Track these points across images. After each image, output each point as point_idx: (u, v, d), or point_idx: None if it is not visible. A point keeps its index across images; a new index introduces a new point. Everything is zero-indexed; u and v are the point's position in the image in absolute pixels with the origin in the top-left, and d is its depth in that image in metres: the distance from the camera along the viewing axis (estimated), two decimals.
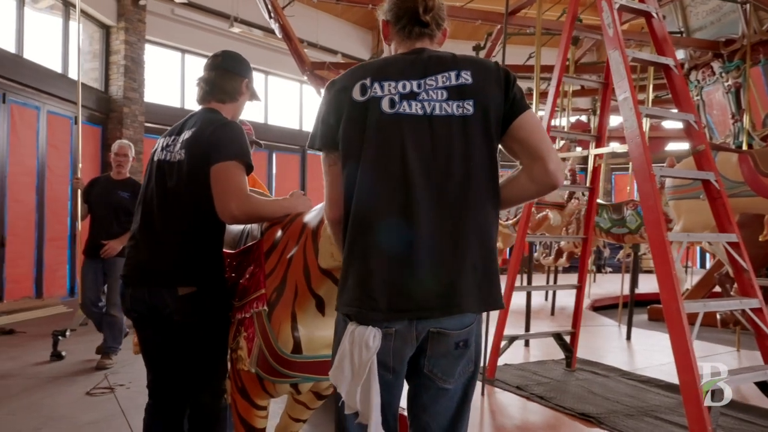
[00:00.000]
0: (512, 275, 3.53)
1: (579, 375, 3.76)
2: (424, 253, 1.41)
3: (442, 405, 1.51)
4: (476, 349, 1.53)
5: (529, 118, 1.51)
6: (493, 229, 1.50)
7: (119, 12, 9.46)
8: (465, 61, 1.54)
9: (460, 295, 1.42)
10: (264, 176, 11.56)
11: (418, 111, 1.47)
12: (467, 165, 1.45)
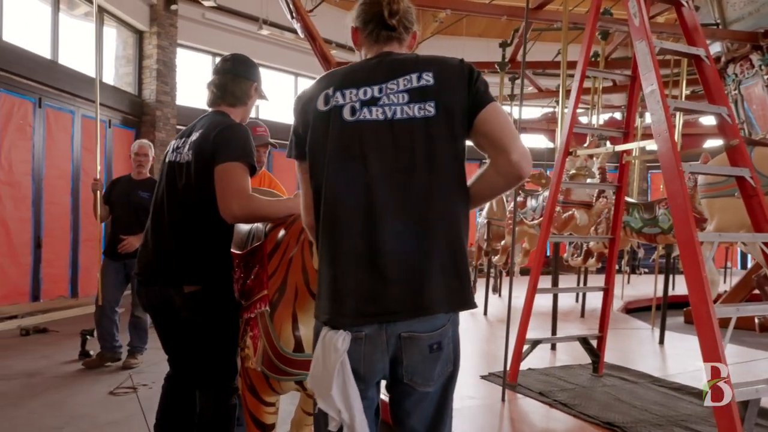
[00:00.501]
0: (534, 277, 3.41)
1: (606, 381, 3.61)
2: (389, 257, 1.43)
3: (425, 408, 1.52)
4: (453, 349, 1.52)
5: (491, 110, 1.49)
6: (462, 228, 1.50)
7: (152, 17, 9.62)
8: (428, 61, 1.53)
9: (428, 296, 1.42)
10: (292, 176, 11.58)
11: (379, 117, 1.48)
12: (431, 166, 1.46)
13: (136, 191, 4.69)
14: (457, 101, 1.49)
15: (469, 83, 1.51)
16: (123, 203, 4.71)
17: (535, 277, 3.40)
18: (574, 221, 4.64)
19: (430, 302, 1.43)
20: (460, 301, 1.48)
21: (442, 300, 1.44)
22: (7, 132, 7.05)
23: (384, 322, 1.44)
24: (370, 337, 1.45)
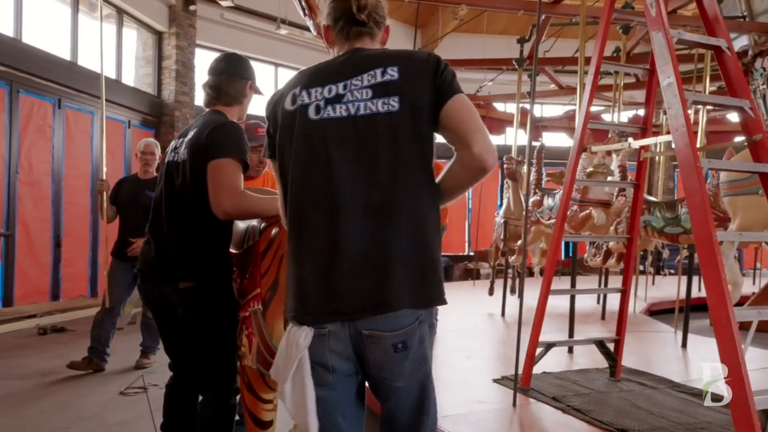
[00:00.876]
0: (547, 278, 3.30)
1: (623, 386, 3.48)
2: (351, 255, 1.43)
3: (402, 398, 1.51)
4: (424, 349, 1.49)
5: (456, 103, 1.47)
6: (429, 224, 1.48)
7: (171, 18, 9.69)
8: (394, 56, 1.53)
9: (390, 294, 1.41)
10: None
11: (342, 113, 1.48)
12: (395, 162, 1.45)
13: (144, 191, 4.62)
14: (422, 95, 1.47)
15: (435, 76, 1.48)
16: (131, 203, 4.67)
17: (548, 278, 3.29)
18: (591, 220, 4.50)
19: (391, 300, 1.41)
20: (426, 299, 1.46)
21: (405, 297, 1.42)
22: (27, 133, 7.14)
23: (347, 320, 1.43)
24: (333, 333, 1.45)
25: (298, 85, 1.55)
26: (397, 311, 1.42)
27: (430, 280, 1.46)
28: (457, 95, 1.48)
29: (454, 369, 3.95)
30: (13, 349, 5.42)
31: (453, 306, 6.31)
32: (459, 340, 4.90)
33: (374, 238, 1.43)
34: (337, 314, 1.44)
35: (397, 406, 1.52)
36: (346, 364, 1.47)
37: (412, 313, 1.44)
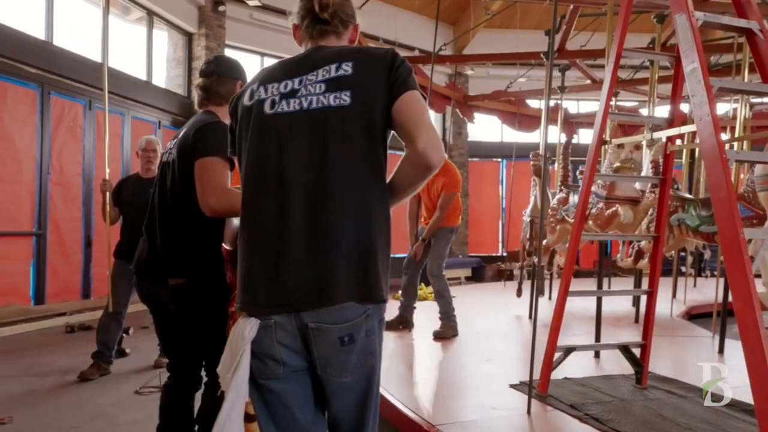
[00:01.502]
0: (566, 278, 3.12)
1: (650, 394, 3.28)
2: (296, 247, 1.44)
3: (346, 397, 1.51)
4: (371, 342, 1.48)
5: (406, 99, 1.47)
6: (375, 220, 1.47)
7: (200, 19, 9.77)
8: (351, 52, 1.55)
9: (333, 288, 1.42)
10: None
11: (295, 107, 1.50)
12: (344, 156, 1.46)
13: (147, 189, 4.48)
14: (375, 90, 1.48)
15: (389, 72, 1.49)
16: (134, 203, 4.51)
17: (566, 279, 3.11)
18: (618, 218, 4.27)
19: (334, 292, 1.42)
20: (369, 294, 1.45)
21: (347, 292, 1.43)
22: (58, 134, 7.28)
23: (292, 312, 1.44)
24: (280, 324, 1.46)
25: (256, 82, 1.59)
26: (343, 304, 1.42)
27: (372, 276, 1.46)
28: (410, 92, 1.48)
29: (470, 373, 3.81)
30: (39, 347, 5.51)
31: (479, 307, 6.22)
32: (480, 343, 4.74)
33: (320, 230, 1.44)
34: (283, 306, 1.44)
35: (343, 403, 1.52)
36: (296, 358, 1.48)
37: (359, 306, 1.44)
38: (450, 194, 5.04)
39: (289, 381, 1.49)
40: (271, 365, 1.47)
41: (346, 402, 1.51)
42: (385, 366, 3.89)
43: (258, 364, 1.47)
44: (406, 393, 3.26)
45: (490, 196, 13.35)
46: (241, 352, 1.45)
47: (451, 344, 4.69)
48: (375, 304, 1.47)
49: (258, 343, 1.45)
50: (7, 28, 6.73)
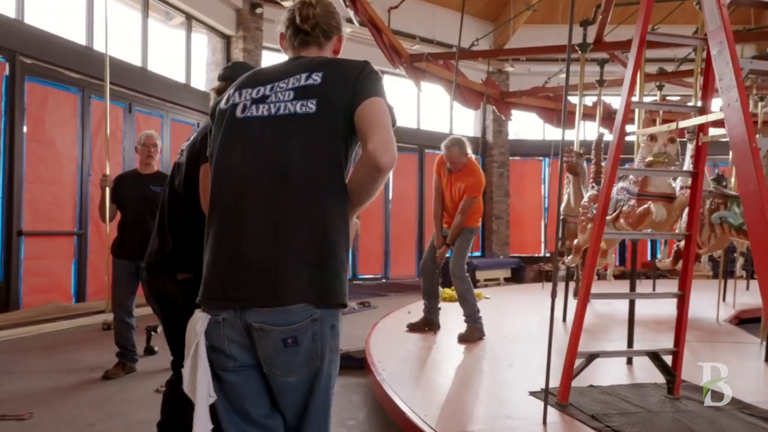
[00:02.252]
0: (586, 280, 2.93)
1: (682, 405, 3.04)
2: (252, 247, 1.48)
3: (291, 397, 1.53)
4: (321, 346, 1.50)
5: (366, 104, 1.51)
6: (334, 225, 1.50)
7: (238, 21, 9.89)
8: (324, 63, 1.61)
9: (283, 288, 1.45)
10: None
11: (263, 113, 1.56)
12: (305, 162, 1.50)
13: (148, 186, 4.39)
14: (340, 99, 1.53)
15: (356, 81, 1.54)
16: (135, 200, 4.39)
17: (587, 281, 2.92)
18: (650, 216, 4.01)
19: (283, 293, 1.45)
20: (322, 298, 1.47)
21: (298, 293, 1.45)
22: (98, 136, 7.47)
23: (240, 309, 1.47)
24: (228, 321, 1.49)
25: (234, 87, 1.66)
26: (289, 306, 1.45)
27: (329, 280, 1.48)
28: (372, 98, 1.52)
29: (490, 379, 3.65)
30: (74, 344, 5.64)
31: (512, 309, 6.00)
32: (506, 347, 4.56)
33: (274, 232, 1.48)
34: (231, 302, 1.48)
35: (287, 401, 1.54)
36: (245, 355, 1.51)
37: (306, 309, 1.46)
38: (472, 198, 4.90)
39: (240, 375, 1.52)
40: (222, 358, 1.51)
41: (290, 400, 1.53)
42: (400, 368, 3.81)
43: (213, 355, 1.52)
44: (417, 397, 3.14)
45: (532, 195, 13.03)
46: (194, 346, 1.51)
47: (475, 348, 4.53)
48: (327, 308, 1.48)
49: (210, 337, 1.51)
50: (49, 35, 6.96)
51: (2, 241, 6.48)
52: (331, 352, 1.53)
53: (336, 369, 1.58)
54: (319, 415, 1.55)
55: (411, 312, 5.84)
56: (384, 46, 6.02)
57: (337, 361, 1.57)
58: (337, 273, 1.49)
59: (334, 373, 1.57)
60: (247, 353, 1.50)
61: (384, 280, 11.56)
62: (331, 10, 1.72)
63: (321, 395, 1.54)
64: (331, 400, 1.58)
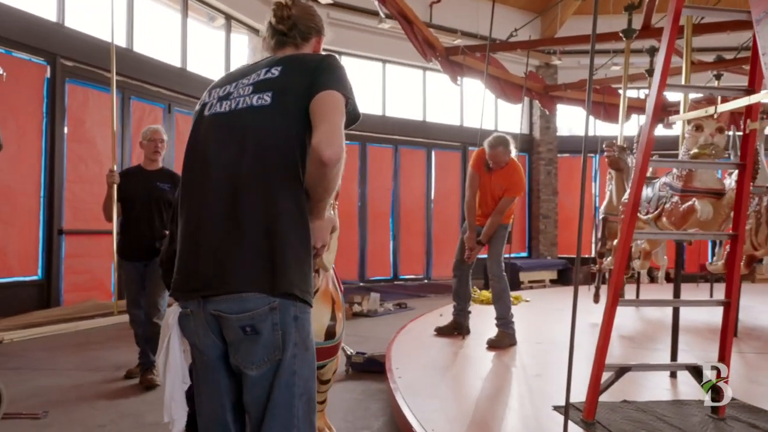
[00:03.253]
0: (614, 285, 2.64)
1: (726, 426, 2.72)
2: (207, 238, 1.53)
3: (255, 392, 1.54)
4: (282, 336, 1.50)
5: (319, 97, 1.52)
6: (285, 214, 1.51)
7: None
8: (285, 58, 1.65)
9: (233, 276, 1.48)
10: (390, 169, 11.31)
11: (225, 109, 1.61)
12: (259, 153, 1.53)
13: (155, 183, 4.27)
14: (295, 92, 1.55)
15: (313, 74, 1.55)
16: (141, 197, 4.24)
17: (616, 286, 2.63)
18: (695, 214, 3.62)
19: (233, 281, 1.48)
20: (275, 286, 1.48)
21: (249, 281, 1.48)
22: (138, 137, 7.56)
23: (200, 299, 1.52)
24: (194, 313, 1.55)
25: (207, 89, 1.73)
26: (243, 294, 1.47)
27: (280, 269, 1.48)
28: (326, 91, 1.53)
29: (513, 390, 3.39)
30: (107, 341, 5.69)
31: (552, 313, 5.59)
32: (537, 355, 4.28)
33: (227, 221, 1.51)
34: (193, 293, 1.53)
35: (250, 396, 1.54)
36: (213, 347, 1.55)
37: (262, 298, 1.48)
38: (512, 198, 4.66)
39: (210, 367, 1.57)
40: (196, 353, 1.59)
41: (253, 396, 1.53)
42: (417, 376, 3.58)
43: (190, 348, 1.59)
44: (428, 409, 2.92)
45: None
46: (167, 338, 1.58)
47: (504, 355, 4.26)
48: (283, 298, 1.49)
49: (183, 329, 1.59)
50: (89, 37, 7.08)
51: (44, 240, 6.63)
52: (296, 346, 1.52)
53: (306, 368, 1.54)
54: (281, 415, 1.51)
55: (443, 315, 5.61)
56: (415, 39, 5.80)
57: (306, 358, 1.54)
58: (288, 264, 1.49)
59: (301, 371, 1.53)
60: (214, 345, 1.55)
61: (426, 281, 11.34)
62: (310, 12, 1.75)
63: (283, 392, 1.51)
64: (299, 401, 1.53)
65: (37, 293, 6.56)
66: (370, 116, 11.00)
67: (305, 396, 1.54)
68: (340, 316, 2.66)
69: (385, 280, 11.03)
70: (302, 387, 1.53)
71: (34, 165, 6.57)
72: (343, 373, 4.54)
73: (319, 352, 2.65)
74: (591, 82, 2.60)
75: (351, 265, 10.79)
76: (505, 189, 4.65)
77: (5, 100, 6.19)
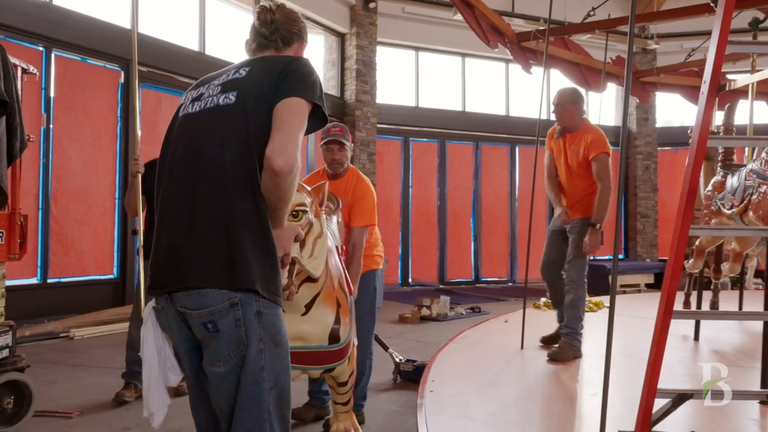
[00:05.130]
0: (668, 289, 2.14)
1: None
2: (171, 235, 1.58)
3: (222, 388, 1.55)
4: (245, 332, 1.51)
5: (281, 104, 1.55)
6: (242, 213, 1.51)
7: (351, 18, 9.76)
8: (255, 59, 1.70)
9: (192, 272, 1.51)
10: (471, 166, 10.78)
11: (196, 110, 1.65)
12: (218, 152, 1.55)
13: None
14: (258, 93, 1.58)
15: (278, 77, 1.58)
16: None
17: (670, 292, 2.13)
18: None
19: (193, 278, 1.51)
20: (232, 282, 1.49)
21: (207, 277, 1.50)
22: None
23: (166, 295, 1.57)
24: (165, 308, 1.60)
25: (186, 91, 1.78)
26: (202, 290, 1.50)
27: (239, 265, 1.50)
28: (289, 98, 1.55)
29: (558, 412, 2.93)
30: None
31: (636, 321, 4.89)
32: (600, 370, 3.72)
33: (187, 218, 1.55)
34: (160, 290, 1.59)
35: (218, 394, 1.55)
36: (185, 342, 1.61)
37: (221, 294, 1.49)
38: (601, 155, 3.99)
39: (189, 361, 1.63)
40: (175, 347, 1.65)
41: (221, 392, 1.54)
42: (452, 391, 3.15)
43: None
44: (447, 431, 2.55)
45: None
46: (144, 332, 1.66)
47: (565, 369, 3.75)
48: (244, 292, 1.49)
49: (162, 325, 1.65)
50: (163, 42, 7.28)
51: (118, 239, 6.88)
52: (262, 341, 1.52)
53: (277, 363, 1.55)
54: (251, 410, 1.51)
55: (508, 321, 5.15)
56: (477, 25, 5.37)
57: (277, 354, 1.55)
58: (247, 260, 1.49)
59: (270, 366, 1.53)
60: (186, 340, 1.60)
61: (510, 283, 10.77)
62: (293, 18, 1.78)
63: (251, 387, 1.51)
64: (268, 395, 1.53)
65: (112, 291, 6.82)
66: (450, 112, 10.62)
67: (275, 390, 1.55)
68: (346, 320, 2.54)
69: (466, 282, 10.59)
70: (272, 381, 1.54)
71: (109, 167, 6.83)
72: (390, 381, 4.25)
73: (325, 356, 2.45)
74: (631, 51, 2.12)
75: (430, 267, 10.46)
76: (586, 148, 4.04)
77: (81, 106, 6.47)
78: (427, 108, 10.48)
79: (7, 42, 5.85)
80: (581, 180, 4.15)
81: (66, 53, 6.40)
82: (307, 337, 2.36)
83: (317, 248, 2.18)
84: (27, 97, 6.08)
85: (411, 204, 10.38)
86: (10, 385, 3.13)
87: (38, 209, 6.12)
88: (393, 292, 9.58)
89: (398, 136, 10.34)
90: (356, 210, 3.19)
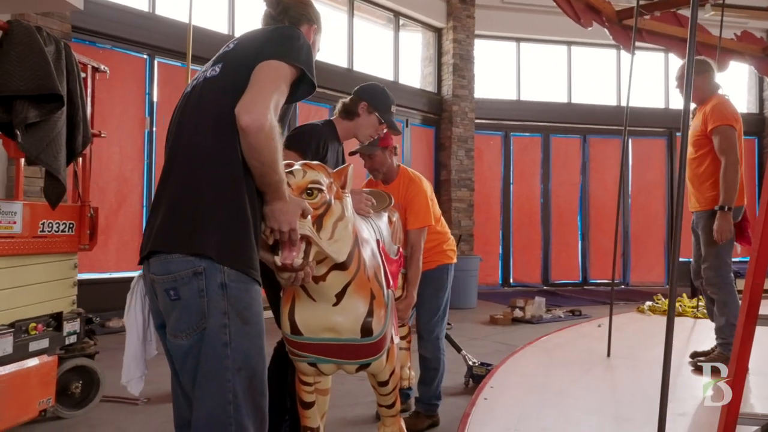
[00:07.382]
0: (750, 293, 1.72)
1: None
2: (156, 203, 1.60)
3: (186, 364, 1.49)
4: (207, 303, 1.46)
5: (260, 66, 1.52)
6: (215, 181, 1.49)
7: (448, 12, 9.52)
8: (250, 33, 1.71)
9: (161, 236, 1.51)
10: (578, 161, 10.04)
11: (189, 88, 1.69)
12: (199, 122, 1.56)
13: None
14: (243, 62, 1.56)
15: (262, 44, 1.58)
16: None
17: (752, 296, 1.71)
18: None
19: (161, 242, 1.50)
20: (195, 247, 1.46)
21: (172, 241, 1.48)
22: None
23: (146, 263, 1.56)
24: (144, 277, 1.62)
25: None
26: (168, 255, 1.48)
27: (201, 231, 1.47)
28: (268, 61, 1.53)
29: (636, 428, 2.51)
30: None
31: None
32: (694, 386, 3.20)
33: (168, 188, 1.56)
34: (142, 256, 1.58)
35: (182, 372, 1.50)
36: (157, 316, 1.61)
37: (186, 260, 1.46)
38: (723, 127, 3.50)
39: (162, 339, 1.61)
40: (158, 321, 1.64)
41: (184, 370, 1.49)
42: (509, 401, 2.84)
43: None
44: None
45: None
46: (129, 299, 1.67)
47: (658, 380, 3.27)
48: (209, 260, 1.45)
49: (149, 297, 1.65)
50: None
51: None
52: (226, 315, 1.45)
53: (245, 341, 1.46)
54: (212, 390, 1.43)
55: (601, 325, 4.66)
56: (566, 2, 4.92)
57: (246, 331, 1.47)
58: (211, 227, 1.47)
59: (236, 344, 1.45)
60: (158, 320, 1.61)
61: (623, 286, 9.95)
62: (303, 2, 1.80)
63: (211, 363, 1.44)
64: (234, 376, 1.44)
65: None
66: (554, 104, 10.03)
67: (245, 372, 1.46)
68: (381, 312, 2.36)
69: (573, 284, 9.93)
70: (240, 362, 1.46)
71: None
72: (461, 385, 3.98)
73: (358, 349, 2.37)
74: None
75: (533, 268, 9.93)
76: (704, 122, 3.57)
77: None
78: (529, 101, 9.97)
79: (113, 51, 6.31)
80: (699, 164, 3.64)
81: (168, 60, 6.74)
82: (338, 329, 2.22)
83: (338, 231, 2.01)
84: (131, 101, 6.51)
85: (512, 201, 9.92)
86: (79, 370, 3.26)
87: (142, 207, 6.50)
88: (492, 292, 9.19)
89: (498, 131, 9.93)
90: (409, 212, 3.07)
